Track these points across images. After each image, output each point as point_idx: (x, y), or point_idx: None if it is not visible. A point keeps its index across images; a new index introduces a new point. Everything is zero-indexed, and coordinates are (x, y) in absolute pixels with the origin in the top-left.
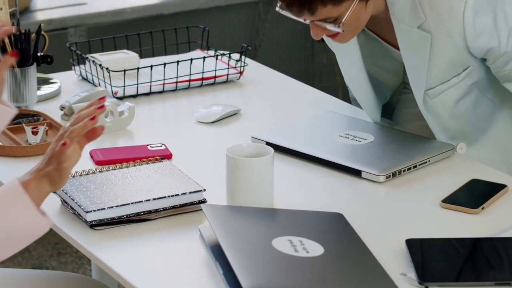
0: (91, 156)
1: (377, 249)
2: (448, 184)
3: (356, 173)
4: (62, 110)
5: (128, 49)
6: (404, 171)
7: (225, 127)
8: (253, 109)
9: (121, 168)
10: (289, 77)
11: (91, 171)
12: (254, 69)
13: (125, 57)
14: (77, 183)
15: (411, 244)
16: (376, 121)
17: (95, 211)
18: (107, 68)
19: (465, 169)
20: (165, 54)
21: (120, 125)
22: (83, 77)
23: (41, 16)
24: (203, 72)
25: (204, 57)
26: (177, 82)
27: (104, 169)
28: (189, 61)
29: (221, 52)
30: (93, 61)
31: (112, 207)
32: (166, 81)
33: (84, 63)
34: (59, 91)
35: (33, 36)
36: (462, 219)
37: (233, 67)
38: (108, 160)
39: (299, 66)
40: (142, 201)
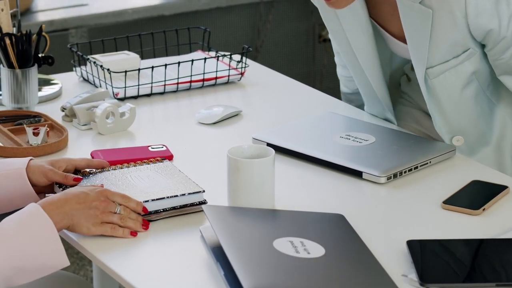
0: (92, 157)
1: (378, 250)
2: (449, 185)
3: (357, 174)
4: (63, 111)
5: (129, 50)
6: (405, 172)
7: (226, 128)
8: (254, 110)
9: (121, 168)
10: (290, 78)
11: (91, 171)
12: (255, 70)
13: (126, 58)
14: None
15: (412, 245)
16: (384, 97)
17: None
18: (108, 69)
19: (466, 170)
20: (166, 55)
21: (121, 126)
22: (84, 78)
23: (42, 17)
24: (204, 73)
25: (205, 58)
26: (178, 83)
27: (105, 169)
28: (190, 62)
29: (222, 53)
30: (94, 62)
31: None
32: (167, 82)
33: (85, 64)
34: (60, 92)
35: (34, 37)
36: (463, 220)
37: (234, 68)
38: (109, 161)
39: (300, 67)
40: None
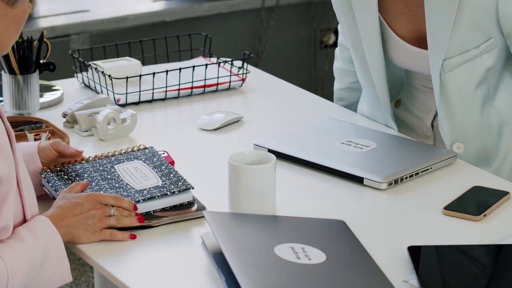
0: None
1: (379, 256)
2: (450, 191)
3: (358, 180)
4: (64, 117)
5: (130, 56)
6: (406, 178)
7: (227, 134)
8: (255, 116)
9: (107, 157)
10: (291, 84)
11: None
12: (256, 76)
13: (127, 64)
14: (65, 177)
15: (413, 251)
16: (381, 88)
17: None
18: (109, 75)
19: (467, 176)
20: (168, 61)
21: (123, 132)
22: (85, 84)
23: (43, 23)
24: (205, 79)
25: (207, 64)
26: (179, 89)
27: (91, 159)
28: (192, 68)
29: (224, 59)
30: (95, 68)
31: None
32: (168, 88)
33: (87, 70)
34: (61, 98)
35: (35, 43)
36: (464, 226)
37: (235, 74)
38: None
39: (301, 73)
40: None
